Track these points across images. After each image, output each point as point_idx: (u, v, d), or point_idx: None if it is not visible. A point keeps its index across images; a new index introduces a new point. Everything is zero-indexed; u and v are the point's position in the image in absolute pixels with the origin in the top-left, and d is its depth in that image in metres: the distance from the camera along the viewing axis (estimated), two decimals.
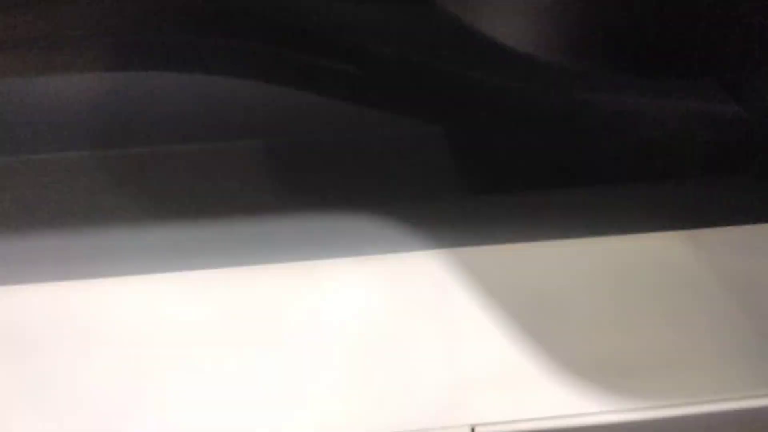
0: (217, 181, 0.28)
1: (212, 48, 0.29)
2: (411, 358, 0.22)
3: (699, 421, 0.21)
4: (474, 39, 0.28)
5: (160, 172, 0.28)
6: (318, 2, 0.30)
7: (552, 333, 0.23)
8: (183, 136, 0.29)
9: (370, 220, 0.27)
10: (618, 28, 0.27)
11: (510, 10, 0.28)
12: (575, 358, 0.22)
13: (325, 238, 0.26)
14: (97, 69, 0.28)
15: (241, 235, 0.26)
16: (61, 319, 0.23)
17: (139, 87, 0.28)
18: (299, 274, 0.25)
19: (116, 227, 0.26)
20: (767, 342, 0.23)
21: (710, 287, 0.25)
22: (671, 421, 0.21)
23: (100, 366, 0.22)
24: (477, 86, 0.30)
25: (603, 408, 0.21)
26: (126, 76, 0.28)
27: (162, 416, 0.21)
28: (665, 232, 0.27)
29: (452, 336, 0.23)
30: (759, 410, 0.22)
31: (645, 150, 0.30)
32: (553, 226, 0.27)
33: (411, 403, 0.21)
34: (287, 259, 0.25)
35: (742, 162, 0.30)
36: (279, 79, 0.29)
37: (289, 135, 0.30)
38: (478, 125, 0.31)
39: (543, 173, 0.30)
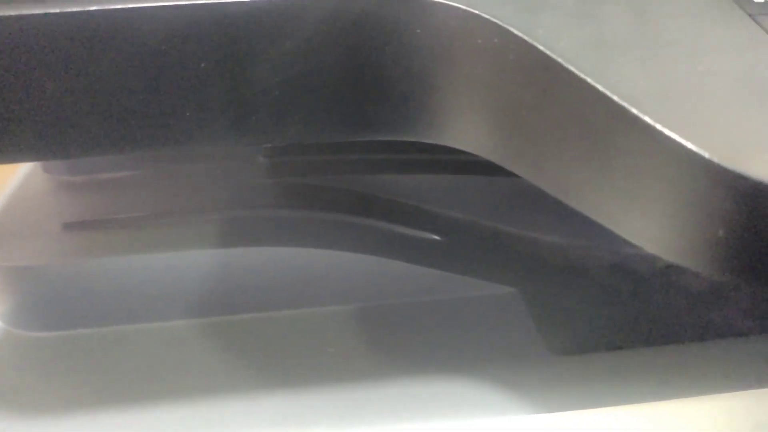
0: (311, 346, 0.30)
1: (306, 222, 0.31)
2: None
3: None
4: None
5: (259, 339, 0.30)
6: (407, 178, 0.33)
7: None
8: (279, 304, 0.31)
9: (464, 383, 0.28)
10: None
11: None
12: None
13: (408, 402, 0.27)
14: (198, 246, 0.30)
15: (332, 402, 0.27)
16: None
17: (241, 260, 0.31)
18: None
19: (212, 394, 0.28)
20: None
21: None
22: None
23: None
24: (549, 248, 0.31)
25: None
26: (226, 252, 0.31)
27: None
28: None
29: None
30: None
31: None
32: (641, 387, 0.27)
33: None
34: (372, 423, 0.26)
35: None
36: (367, 249, 0.31)
37: (373, 300, 0.32)
38: (553, 286, 0.31)
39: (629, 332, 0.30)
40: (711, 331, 0.29)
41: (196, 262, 0.31)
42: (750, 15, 0.17)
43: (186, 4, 0.17)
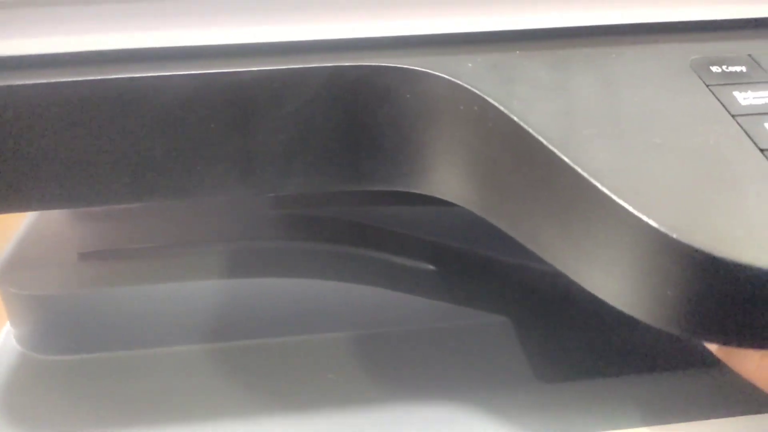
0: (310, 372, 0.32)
1: (305, 253, 0.34)
2: None
3: None
4: None
5: (263, 364, 0.32)
6: (403, 209, 0.35)
7: None
8: (281, 331, 0.33)
9: (455, 409, 0.29)
10: None
11: None
12: None
13: (402, 426, 0.29)
14: (205, 276, 0.33)
15: (328, 424, 0.29)
16: None
17: (245, 289, 0.33)
18: None
19: (217, 416, 0.29)
20: None
21: None
22: None
23: None
24: (539, 277, 0.33)
25: None
26: (231, 282, 0.33)
27: None
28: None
29: None
30: None
31: None
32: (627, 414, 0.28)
33: None
34: None
35: None
36: (364, 279, 0.33)
37: (370, 328, 0.34)
38: (542, 314, 0.33)
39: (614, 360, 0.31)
40: (697, 359, 0.31)
41: (203, 291, 0.33)
42: (707, 86, 0.19)
43: (199, 73, 0.19)
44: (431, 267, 0.35)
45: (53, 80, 0.19)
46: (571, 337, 0.33)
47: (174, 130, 0.20)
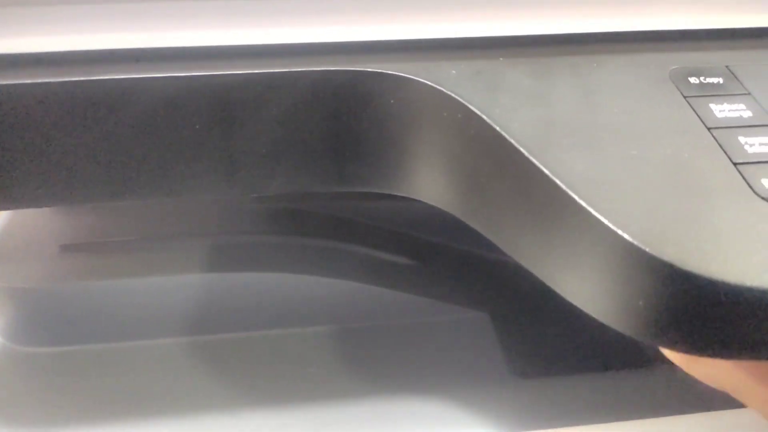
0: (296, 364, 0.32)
1: (288, 247, 0.34)
2: None
3: None
4: None
5: (244, 357, 0.32)
6: (384, 204, 0.35)
7: None
8: (263, 325, 0.33)
9: (432, 403, 0.30)
10: None
11: None
12: None
13: (380, 419, 0.29)
14: (187, 269, 0.33)
15: (308, 417, 0.29)
16: None
17: (227, 283, 0.34)
18: None
19: (207, 409, 0.30)
20: None
21: None
22: None
23: None
24: (517, 272, 0.33)
25: None
26: (213, 275, 0.33)
27: None
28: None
29: None
30: None
31: None
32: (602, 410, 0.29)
33: None
34: None
35: None
36: (346, 274, 0.34)
37: (350, 323, 0.34)
38: (520, 310, 0.33)
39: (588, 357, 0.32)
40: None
41: (185, 284, 0.33)
42: (685, 97, 0.19)
43: (185, 75, 0.19)
44: (411, 262, 0.36)
45: (40, 80, 0.19)
46: (549, 333, 0.33)
47: (160, 131, 0.20)
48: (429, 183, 0.20)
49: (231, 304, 0.34)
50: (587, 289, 0.17)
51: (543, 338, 0.33)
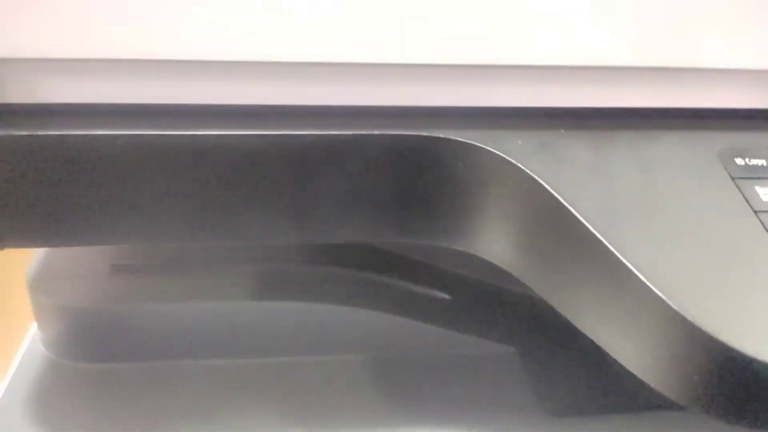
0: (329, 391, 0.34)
1: (325, 278, 0.35)
2: None
3: None
4: None
5: (280, 381, 0.34)
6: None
7: None
8: (298, 351, 0.35)
9: None
10: None
11: None
12: None
13: None
14: (229, 296, 0.34)
15: None
16: None
17: (266, 310, 0.35)
18: None
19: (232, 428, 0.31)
20: None
21: None
22: None
23: None
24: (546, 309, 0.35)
25: None
26: (253, 303, 0.35)
27: None
28: None
29: None
30: None
31: None
32: None
33: None
34: None
35: None
36: (380, 305, 0.35)
37: (382, 352, 0.36)
38: (549, 347, 0.34)
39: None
40: None
41: (226, 310, 0.34)
42: (732, 178, 0.21)
43: (267, 134, 0.20)
44: (444, 296, 0.37)
45: (130, 132, 0.20)
46: (577, 372, 0.34)
47: (241, 182, 0.21)
48: (489, 242, 0.22)
49: (268, 331, 0.35)
50: (643, 360, 0.18)
51: (572, 377, 0.34)
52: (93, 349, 0.34)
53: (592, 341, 0.34)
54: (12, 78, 0.20)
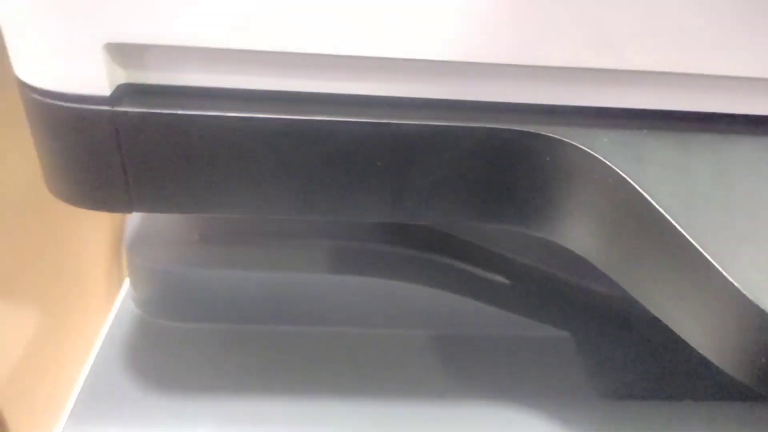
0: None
1: (395, 256, 0.38)
2: None
3: None
4: None
5: (346, 350, 0.37)
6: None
7: None
8: (364, 322, 0.38)
9: (513, 415, 0.34)
10: None
11: None
12: None
13: (465, 424, 0.33)
14: (305, 268, 0.37)
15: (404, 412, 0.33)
16: None
17: (338, 283, 0.37)
18: None
19: (301, 393, 0.34)
20: None
21: None
22: None
23: None
24: (600, 298, 0.37)
25: None
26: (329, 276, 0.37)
27: None
28: None
29: None
30: None
31: None
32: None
33: None
34: None
35: None
36: (444, 285, 0.38)
37: (444, 329, 0.38)
38: (601, 334, 0.37)
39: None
40: (748, 393, 0.34)
41: (300, 280, 0.37)
42: None
43: (374, 122, 0.23)
44: (503, 280, 0.39)
45: (254, 115, 0.22)
46: (627, 358, 0.36)
47: (347, 165, 0.23)
48: (571, 231, 0.24)
49: (339, 302, 0.37)
50: (713, 342, 0.20)
51: (623, 362, 0.36)
52: (179, 310, 0.37)
53: (644, 332, 0.36)
54: (153, 61, 0.22)
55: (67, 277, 0.39)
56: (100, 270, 0.41)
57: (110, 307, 0.39)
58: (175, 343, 0.36)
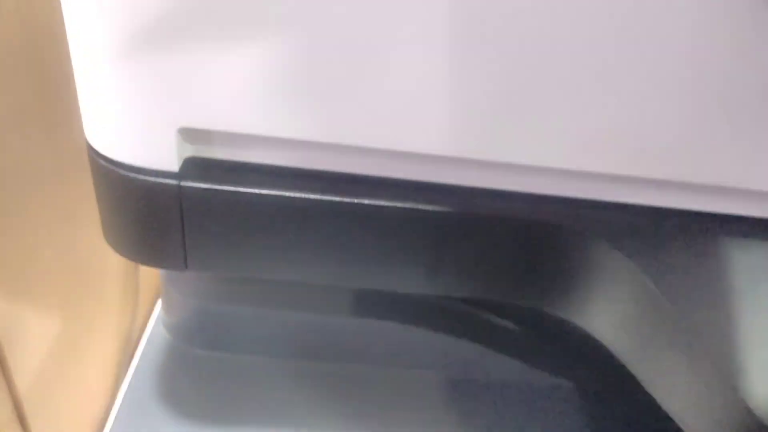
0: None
1: (409, 302, 0.39)
2: None
3: None
4: None
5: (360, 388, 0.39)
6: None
7: None
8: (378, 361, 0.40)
9: None
10: None
11: None
12: None
13: None
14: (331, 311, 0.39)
15: None
16: None
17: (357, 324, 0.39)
18: None
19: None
20: None
21: None
22: None
23: None
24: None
25: None
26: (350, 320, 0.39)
27: None
28: None
29: None
30: None
31: None
32: None
33: None
34: None
35: None
36: (456, 330, 0.40)
37: (452, 371, 0.40)
38: (604, 383, 0.38)
39: None
40: None
41: (318, 319, 0.39)
42: None
43: (416, 207, 0.25)
44: (514, 326, 0.41)
45: (308, 195, 0.24)
46: (634, 412, 0.38)
47: (389, 242, 0.25)
48: (595, 315, 0.26)
49: (352, 341, 0.39)
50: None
51: (624, 416, 0.38)
52: (205, 338, 0.39)
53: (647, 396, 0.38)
54: (219, 141, 0.24)
55: (86, 285, 0.40)
56: (117, 282, 0.43)
57: (126, 311, 0.41)
58: (200, 370, 0.38)
